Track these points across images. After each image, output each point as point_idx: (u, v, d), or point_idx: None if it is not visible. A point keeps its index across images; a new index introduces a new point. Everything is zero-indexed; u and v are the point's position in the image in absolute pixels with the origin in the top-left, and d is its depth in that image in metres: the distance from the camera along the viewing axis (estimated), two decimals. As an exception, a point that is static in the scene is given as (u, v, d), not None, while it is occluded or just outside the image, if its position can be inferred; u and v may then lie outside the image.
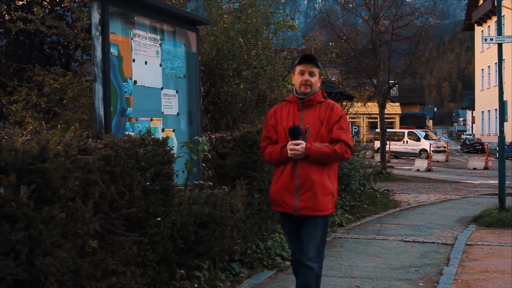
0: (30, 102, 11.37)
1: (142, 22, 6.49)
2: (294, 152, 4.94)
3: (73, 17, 12.55)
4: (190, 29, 7.37)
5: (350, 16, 31.77)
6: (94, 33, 5.81)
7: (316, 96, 5.18)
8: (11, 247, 3.95)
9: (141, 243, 5.14)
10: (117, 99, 5.90)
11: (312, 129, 5.06)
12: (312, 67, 5.16)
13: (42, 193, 4.12)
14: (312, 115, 5.12)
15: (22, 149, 4.01)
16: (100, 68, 5.70)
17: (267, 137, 5.31)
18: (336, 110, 5.14)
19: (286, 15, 12.68)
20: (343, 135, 5.04)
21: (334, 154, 4.98)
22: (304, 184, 5.03)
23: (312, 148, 4.93)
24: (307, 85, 5.13)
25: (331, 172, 5.16)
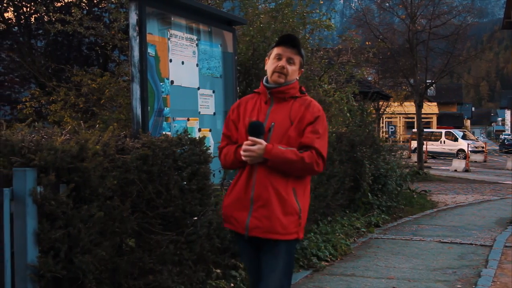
0: (68, 102, 11.53)
1: (178, 22, 6.52)
2: (248, 153, 3.90)
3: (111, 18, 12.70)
4: (226, 29, 7.39)
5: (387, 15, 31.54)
6: (132, 33, 5.85)
7: (290, 89, 4.10)
8: (51, 245, 4.01)
9: (177, 242, 5.17)
10: (154, 99, 5.94)
11: (278, 129, 4.00)
12: (293, 53, 4.09)
13: (80, 192, 4.17)
14: (282, 111, 4.06)
15: (62, 148, 4.07)
16: (138, 68, 5.74)
17: (227, 136, 4.28)
18: (312, 108, 4.07)
19: (323, 15, 12.67)
20: (316, 141, 3.96)
21: (300, 163, 3.89)
22: (260, 197, 3.94)
23: (273, 150, 3.87)
24: (281, 73, 4.05)
25: (300, 186, 4.04)
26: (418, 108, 27.81)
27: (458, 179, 25.43)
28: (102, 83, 10.88)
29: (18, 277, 3.97)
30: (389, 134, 39.29)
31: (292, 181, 3.99)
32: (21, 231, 3.94)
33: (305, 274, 7.57)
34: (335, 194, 10.24)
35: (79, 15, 11.67)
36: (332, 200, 10.16)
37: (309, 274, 7.60)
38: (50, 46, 20.33)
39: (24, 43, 20.22)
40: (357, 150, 11.78)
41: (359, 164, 11.75)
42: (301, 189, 4.06)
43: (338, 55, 16.05)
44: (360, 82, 16.19)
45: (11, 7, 21.49)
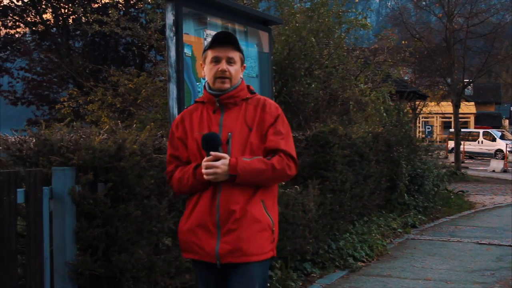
0: (105, 102, 11.66)
1: (214, 22, 6.54)
2: (212, 170, 3.36)
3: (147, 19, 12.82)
4: (262, 29, 7.39)
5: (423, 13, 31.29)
6: (168, 34, 5.88)
7: (239, 91, 3.62)
8: (89, 243, 4.05)
9: (214, 241, 5.17)
10: (191, 98, 5.96)
11: (237, 138, 3.50)
12: (230, 50, 3.58)
13: (118, 191, 4.21)
14: (236, 118, 3.57)
15: (100, 148, 4.11)
16: (174, 68, 5.77)
17: (174, 156, 3.67)
18: (270, 108, 3.61)
19: (359, 14, 12.60)
20: (282, 142, 3.52)
21: (271, 171, 3.44)
22: (228, 218, 3.43)
23: (239, 164, 3.37)
24: (224, 77, 3.55)
25: (268, 196, 3.59)
26: (456, 108, 27.52)
27: (496, 179, 25.08)
28: (139, 83, 10.98)
29: (57, 275, 4.03)
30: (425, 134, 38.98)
31: (260, 193, 3.53)
32: (60, 229, 3.99)
33: (341, 274, 7.54)
34: (371, 194, 10.19)
35: (116, 16, 11.79)
36: (369, 200, 10.11)
37: (345, 274, 7.57)
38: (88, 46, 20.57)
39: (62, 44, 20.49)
40: (394, 150, 11.71)
41: (396, 164, 11.67)
42: (270, 200, 3.61)
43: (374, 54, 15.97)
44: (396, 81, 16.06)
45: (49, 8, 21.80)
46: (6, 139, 4.42)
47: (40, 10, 22.24)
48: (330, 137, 8.00)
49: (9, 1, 23.32)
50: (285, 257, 6.74)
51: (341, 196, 8.36)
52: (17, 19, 23.36)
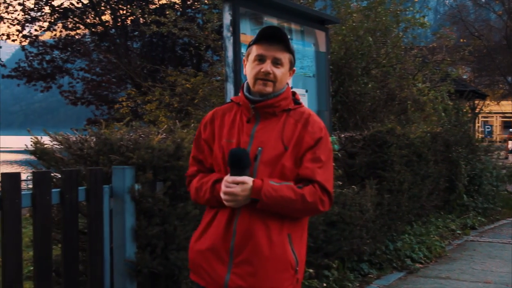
0: (163, 102, 11.79)
1: (270, 22, 6.54)
2: (231, 198, 2.87)
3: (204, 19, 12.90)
4: (319, 28, 7.35)
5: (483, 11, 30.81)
6: (226, 34, 5.91)
7: (281, 100, 3.06)
8: (148, 241, 4.10)
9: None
10: (248, 98, 5.97)
11: (268, 156, 2.97)
12: (279, 51, 3.04)
13: (176, 190, 4.25)
14: (271, 131, 3.03)
15: (158, 147, 4.16)
16: (232, 68, 5.79)
17: (197, 160, 3.22)
18: (312, 127, 3.05)
19: (416, 12, 12.45)
20: (319, 172, 2.97)
21: (300, 202, 2.91)
22: (244, 247, 2.93)
23: (263, 188, 2.86)
24: (267, 80, 3.01)
25: (296, 230, 3.05)
26: (516, 107, 26.91)
27: (558, 180, 24.42)
28: (196, 83, 11.06)
29: (116, 272, 4.09)
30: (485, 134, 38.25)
31: (288, 225, 2.99)
32: (120, 227, 4.05)
33: (399, 275, 7.46)
34: (429, 195, 10.06)
35: (173, 17, 11.90)
36: (427, 201, 9.98)
37: (402, 276, 7.49)
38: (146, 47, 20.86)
39: (121, 44, 20.82)
40: (452, 150, 11.53)
41: (454, 164, 11.50)
42: (297, 234, 3.06)
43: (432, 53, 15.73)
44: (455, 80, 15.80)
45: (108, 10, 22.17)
46: (67, 138, 4.50)
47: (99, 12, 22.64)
48: (388, 137, 7.93)
49: (70, 3, 23.83)
50: (342, 257, 6.71)
51: (398, 197, 8.27)
52: (77, 20, 23.84)
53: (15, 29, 24.36)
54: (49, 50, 24.34)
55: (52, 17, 23.96)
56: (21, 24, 24.22)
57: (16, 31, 24.40)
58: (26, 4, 23.89)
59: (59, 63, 24.28)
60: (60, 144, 4.46)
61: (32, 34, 24.56)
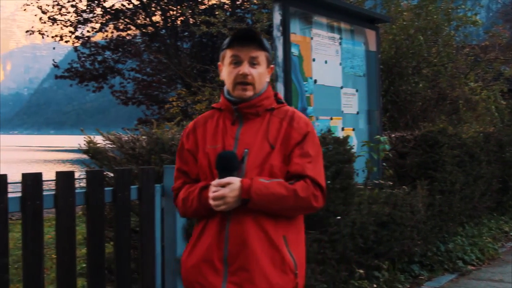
0: (213, 102, 11.83)
1: (320, 21, 6.53)
2: (220, 202, 2.76)
3: (253, 19, 12.92)
4: (369, 27, 7.32)
5: (537, 8, 30.14)
6: (276, 33, 5.92)
7: (263, 100, 2.99)
8: (199, 241, 4.12)
9: (321, 241, 5.17)
10: (298, 98, 5.98)
11: (255, 156, 2.88)
12: (254, 50, 2.96)
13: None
14: (256, 131, 2.94)
15: (209, 146, 4.17)
16: (282, 68, 5.80)
17: (182, 172, 3.09)
18: (298, 123, 2.96)
19: (468, 10, 12.25)
20: (309, 166, 2.88)
21: (293, 198, 2.80)
22: (238, 254, 2.81)
23: (253, 185, 2.75)
24: (246, 83, 2.94)
25: (292, 231, 2.93)
26: None
27: None
28: (245, 83, 11.08)
29: (167, 270, 4.12)
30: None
31: (282, 226, 2.86)
32: (171, 226, 4.08)
33: (450, 277, 7.35)
34: (482, 196, 9.89)
35: (223, 17, 11.96)
36: (479, 202, 9.82)
37: (454, 278, 7.38)
38: (195, 47, 20.99)
39: (171, 45, 21.01)
40: (506, 150, 11.31)
41: (508, 165, 11.29)
42: (294, 235, 2.93)
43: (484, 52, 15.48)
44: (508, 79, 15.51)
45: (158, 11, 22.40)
46: (120, 138, 4.56)
47: (150, 13, 22.90)
48: (439, 137, 7.83)
49: (121, 4, 24.16)
50: (392, 258, 6.65)
51: (450, 197, 8.16)
52: (128, 21, 24.15)
53: (68, 31, 24.82)
54: (101, 50, 24.72)
55: (104, 18, 24.33)
56: (74, 25, 24.65)
57: (69, 32, 24.85)
58: (78, 6, 24.31)
59: (111, 64, 24.64)
60: (113, 143, 4.52)
61: (84, 35, 24.98)
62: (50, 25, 24.72)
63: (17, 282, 6.77)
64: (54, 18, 24.57)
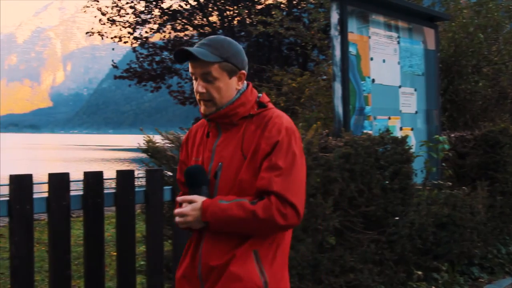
0: (269, 101, 11.83)
1: (377, 20, 6.49)
2: (183, 219, 2.67)
3: (310, 18, 12.88)
4: (427, 26, 7.24)
5: None
6: (333, 33, 5.90)
7: (237, 107, 2.75)
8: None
9: (379, 242, 5.14)
10: (356, 97, 5.95)
11: (227, 170, 2.70)
12: (201, 66, 2.72)
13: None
14: (231, 143, 2.74)
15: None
16: (339, 67, 5.78)
17: (181, 183, 2.99)
18: (270, 131, 2.67)
19: (530, 7, 11.97)
20: (276, 181, 2.58)
21: (252, 221, 2.56)
22: (208, 275, 2.69)
23: (210, 208, 2.60)
24: (204, 99, 2.75)
25: (264, 245, 2.68)
26: None
27: None
28: (302, 83, 11.06)
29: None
30: None
31: (253, 241, 2.65)
32: (229, 225, 4.10)
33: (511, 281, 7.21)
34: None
35: (279, 17, 11.96)
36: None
37: (515, 280, 7.24)
38: (252, 47, 21.05)
39: (228, 45, 21.11)
40: None
41: None
42: (268, 251, 2.68)
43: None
44: None
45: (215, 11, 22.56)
46: (178, 137, 4.61)
47: (207, 13, 23.08)
48: (501, 137, 7.67)
49: (178, 5, 24.40)
50: (451, 260, 6.56)
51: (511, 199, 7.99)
52: (185, 22, 24.37)
53: (126, 32, 25.17)
54: (159, 51, 24.99)
55: (162, 19, 24.60)
56: (132, 26, 24.99)
57: (127, 33, 25.20)
58: (137, 8, 24.65)
59: (168, 64, 24.88)
60: (171, 142, 4.57)
61: (142, 36, 25.30)
62: (109, 26, 25.10)
63: (78, 278, 6.92)
64: (113, 20, 24.95)
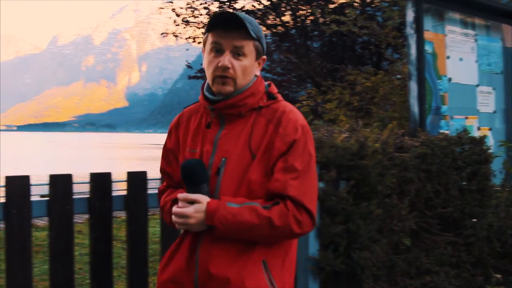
0: (343, 101, 11.81)
1: (453, 17, 6.38)
2: (182, 220, 2.39)
3: (384, 17, 12.78)
4: (506, 23, 7.08)
5: None
6: (408, 31, 5.84)
7: (247, 97, 2.52)
8: (331, 240, 4.13)
9: (455, 244, 5.05)
10: (432, 96, 5.87)
11: (233, 168, 2.44)
12: (239, 38, 2.48)
13: (360, 189, 4.25)
14: (237, 137, 2.49)
15: (342, 146, 4.18)
16: (415, 66, 5.71)
17: (165, 173, 2.74)
18: (285, 128, 2.46)
19: None
20: (292, 184, 2.39)
21: (267, 228, 2.35)
22: (208, 281, 2.42)
23: (219, 212, 2.34)
24: (225, 76, 2.48)
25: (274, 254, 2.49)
26: None
27: None
28: (376, 82, 10.97)
29: (299, 268, 4.15)
30: None
31: (261, 249, 2.44)
32: (304, 225, 4.11)
33: None
34: None
35: (353, 15, 11.89)
36: None
37: None
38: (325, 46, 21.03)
39: (301, 44, 21.16)
40: None
41: None
42: (277, 260, 2.49)
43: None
44: None
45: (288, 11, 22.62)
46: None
47: (280, 13, 23.11)
48: None
49: (251, 5, 24.54)
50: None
51: None
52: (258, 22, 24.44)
53: (200, 32, 25.47)
54: (232, 51, 25.22)
55: (235, 19, 24.80)
56: (206, 27, 25.29)
57: (201, 34, 25.50)
58: (210, 8, 24.92)
59: (241, 63, 25.08)
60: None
61: (215, 36, 25.58)
62: (184, 27, 25.45)
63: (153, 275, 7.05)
64: (187, 20, 25.27)
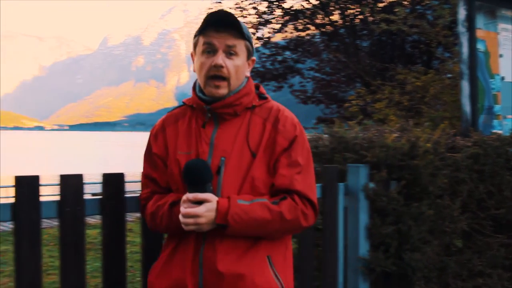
0: (392, 100, 11.71)
1: (506, 15, 6.27)
2: (193, 221, 2.34)
3: (434, 15, 12.63)
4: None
5: None
6: (460, 29, 5.76)
7: (242, 97, 2.55)
8: (381, 240, 4.11)
9: (509, 246, 4.95)
10: (484, 96, 5.77)
11: (234, 166, 2.45)
12: (231, 37, 2.50)
13: (410, 189, 4.21)
14: (234, 136, 2.51)
15: (393, 146, 4.14)
16: (467, 65, 5.63)
17: (150, 179, 2.65)
18: (284, 125, 2.53)
19: None
20: (298, 179, 2.46)
21: (279, 222, 2.40)
22: (215, 283, 2.39)
23: (231, 210, 2.34)
24: (220, 77, 2.48)
25: (277, 250, 2.53)
26: None
27: None
28: (426, 81, 10.86)
29: (349, 269, 4.14)
30: None
31: (266, 245, 2.47)
32: (354, 225, 4.10)
33: None
34: None
35: (402, 14, 11.77)
36: None
37: None
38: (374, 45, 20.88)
39: (350, 43, 21.06)
40: None
41: None
42: (280, 255, 2.53)
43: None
44: None
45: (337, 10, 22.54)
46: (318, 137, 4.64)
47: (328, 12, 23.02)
48: None
49: (300, 5, 24.49)
50: None
51: None
52: (307, 21, 24.41)
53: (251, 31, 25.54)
54: (281, 51, 25.17)
55: (283, 19, 24.77)
56: (255, 27, 25.31)
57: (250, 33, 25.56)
58: (259, 8, 24.94)
59: (290, 63, 25.01)
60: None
61: (264, 36, 25.59)
62: (233, 27, 25.53)
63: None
64: (237, 21, 25.37)
